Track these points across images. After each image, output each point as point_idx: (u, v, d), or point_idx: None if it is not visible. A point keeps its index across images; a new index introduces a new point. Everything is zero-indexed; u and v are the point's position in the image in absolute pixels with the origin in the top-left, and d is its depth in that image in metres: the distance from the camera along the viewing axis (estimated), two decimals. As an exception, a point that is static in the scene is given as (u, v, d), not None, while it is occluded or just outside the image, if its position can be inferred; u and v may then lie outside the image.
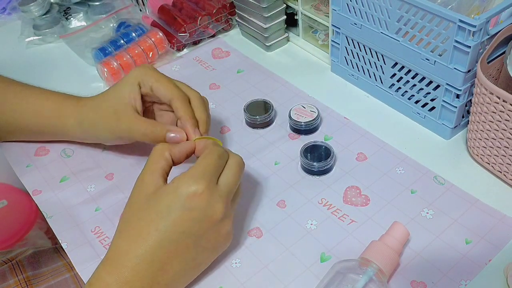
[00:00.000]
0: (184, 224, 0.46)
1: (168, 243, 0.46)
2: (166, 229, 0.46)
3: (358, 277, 0.46)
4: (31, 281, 0.67)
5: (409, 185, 0.60)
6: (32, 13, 0.92)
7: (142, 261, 0.46)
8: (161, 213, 0.46)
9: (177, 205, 0.46)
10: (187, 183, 0.46)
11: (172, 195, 0.47)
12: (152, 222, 0.46)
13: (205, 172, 0.47)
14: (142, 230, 0.46)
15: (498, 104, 0.53)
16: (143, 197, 0.48)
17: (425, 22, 0.58)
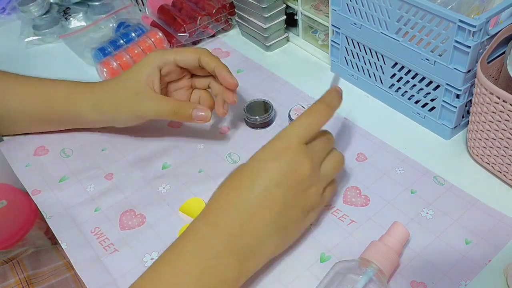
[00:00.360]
0: (272, 173, 0.48)
1: (256, 190, 0.47)
2: (256, 177, 0.48)
3: (358, 278, 0.46)
4: (32, 280, 0.67)
5: (409, 185, 0.59)
6: (31, 13, 0.92)
7: (232, 206, 0.47)
8: (252, 163, 0.49)
9: (266, 156, 0.49)
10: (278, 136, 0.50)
11: (264, 148, 0.50)
12: (244, 172, 0.49)
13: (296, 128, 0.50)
14: (237, 181, 0.49)
15: (498, 104, 0.53)
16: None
17: (425, 22, 0.58)
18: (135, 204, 0.61)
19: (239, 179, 0.49)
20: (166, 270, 0.45)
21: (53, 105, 0.66)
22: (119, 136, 0.70)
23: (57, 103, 0.66)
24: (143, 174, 0.65)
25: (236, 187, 0.48)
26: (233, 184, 0.49)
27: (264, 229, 0.48)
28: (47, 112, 0.67)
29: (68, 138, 0.71)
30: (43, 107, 0.66)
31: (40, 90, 0.66)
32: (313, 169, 0.49)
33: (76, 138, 0.71)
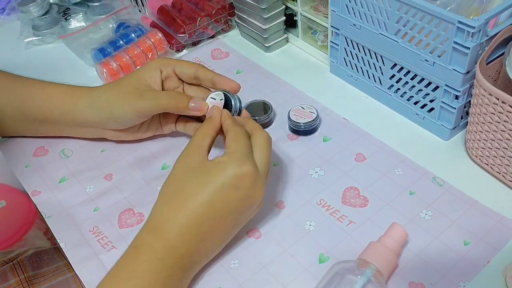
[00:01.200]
0: (230, 203, 0.49)
1: (213, 217, 0.49)
2: (212, 205, 0.49)
3: (356, 278, 0.46)
4: (32, 281, 0.67)
5: (408, 186, 0.60)
6: (31, 13, 0.92)
7: (188, 230, 0.49)
8: (209, 188, 0.49)
9: (225, 184, 0.49)
10: (234, 164, 0.49)
11: (220, 174, 0.49)
12: (198, 194, 0.49)
13: (245, 154, 0.50)
14: (189, 201, 0.49)
15: (497, 105, 0.53)
16: (189, 169, 0.51)
17: (424, 23, 0.58)
18: (134, 204, 0.61)
19: (191, 198, 0.49)
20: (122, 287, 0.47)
21: (52, 106, 0.65)
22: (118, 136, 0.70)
23: (55, 103, 0.65)
24: (142, 174, 0.65)
25: (189, 208, 0.49)
26: (185, 202, 0.49)
27: (213, 248, 0.52)
28: (45, 114, 0.66)
29: (68, 139, 0.71)
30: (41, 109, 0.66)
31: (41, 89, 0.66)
32: (264, 185, 0.52)
33: (75, 139, 0.71)
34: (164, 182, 0.52)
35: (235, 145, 0.51)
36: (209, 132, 0.54)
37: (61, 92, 0.66)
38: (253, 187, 0.50)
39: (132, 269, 0.47)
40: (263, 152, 0.52)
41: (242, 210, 0.51)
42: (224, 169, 0.49)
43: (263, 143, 0.53)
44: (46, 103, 0.66)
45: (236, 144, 0.51)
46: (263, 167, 0.52)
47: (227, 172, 0.49)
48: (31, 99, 0.66)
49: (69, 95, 0.65)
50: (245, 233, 0.57)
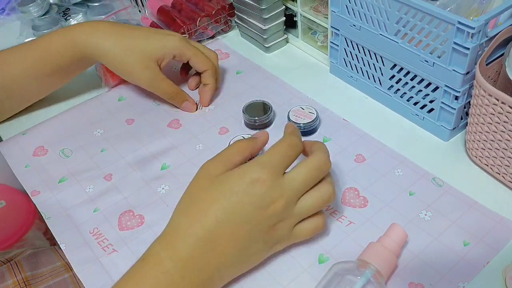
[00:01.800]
0: (243, 208, 0.46)
1: (226, 224, 0.46)
2: (226, 210, 0.46)
3: (356, 279, 0.46)
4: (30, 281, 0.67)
5: (408, 187, 0.60)
6: (31, 13, 0.92)
7: (198, 239, 0.46)
8: (224, 194, 0.47)
9: (240, 188, 0.46)
10: (253, 169, 0.47)
11: (237, 178, 0.47)
12: (214, 202, 0.47)
13: (271, 160, 0.48)
14: (203, 209, 0.47)
15: (496, 106, 0.53)
16: (208, 178, 0.48)
17: (424, 24, 0.58)
18: (134, 205, 0.61)
19: (206, 207, 0.47)
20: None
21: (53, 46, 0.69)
22: (118, 136, 0.70)
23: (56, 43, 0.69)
24: (142, 174, 0.65)
25: (203, 216, 0.47)
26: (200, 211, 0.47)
27: (225, 262, 0.48)
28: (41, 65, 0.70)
29: (67, 139, 0.71)
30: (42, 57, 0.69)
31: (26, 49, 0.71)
32: (286, 206, 0.48)
33: (75, 139, 0.71)
34: (186, 189, 0.50)
35: (267, 151, 0.49)
36: (244, 152, 0.50)
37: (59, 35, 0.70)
38: (268, 196, 0.47)
39: (136, 282, 0.45)
40: (304, 169, 0.48)
41: (256, 222, 0.47)
42: (243, 174, 0.47)
43: (312, 162, 0.49)
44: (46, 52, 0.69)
45: (269, 150, 0.49)
46: (293, 183, 0.48)
47: (244, 176, 0.47)
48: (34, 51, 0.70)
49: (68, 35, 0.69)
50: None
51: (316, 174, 0.49)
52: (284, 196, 0.47)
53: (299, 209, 0.49)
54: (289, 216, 0.49)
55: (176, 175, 0.64)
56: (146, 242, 0.56)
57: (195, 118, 0.73)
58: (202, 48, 0.74)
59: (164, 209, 0.60)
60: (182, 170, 0.65)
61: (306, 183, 0.49)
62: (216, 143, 0.68)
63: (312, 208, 0.49)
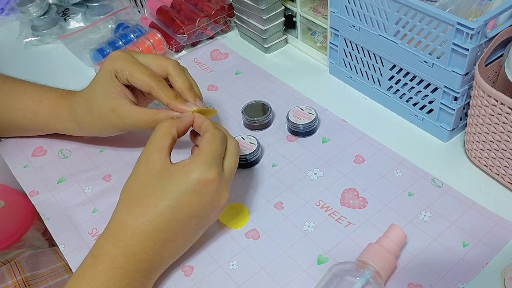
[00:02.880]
0: (193, 207, 0.48)
1: (175, 222, 0.48)
2: (175, 210, 0.47)
3: (355, 280, 0.46)
4: (30, 282, 0.67)
5: (407, 188, 0.60)
6: (30, 14, 0.92)
7: (149, 236, 0.47)
8: (171, 194, 0.47)
9: (188, 188, 0.47)
10: (199, 169, 0.48)
11: (183, 178, 0.47)
12: (161, 200, 0.47)
13: (214, 159, 0.49)
14: (149, 207, 0.47)
15: (496, 107, 0.53)
16: (151, 173, 0.49)
17: (423, 24, 0.58)
18: (133, 206, 0.61)
19: (153, 204, 0.47)
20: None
21: (40, 121, 0.66)
22: (117, 137, 0.70)
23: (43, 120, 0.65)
24: (141, 175, 0.65)
25: (151, 215, 0.47)
26: (146, 209, 0.47)
27: (176, 252, 0.52)
28: (35, 126, 0.67)
29: (66, 139, 0.71)
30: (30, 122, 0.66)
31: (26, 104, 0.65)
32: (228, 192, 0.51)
33: (74, 139, 0.71)
34: (124, 185, 0.50)
35: (207, 149, 0.49)
36: (170, 131, 0.51)
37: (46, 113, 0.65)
38: (217, 193, 0.49)
39: (90, 280, 0.46)
40: (232, 157, 0.52)
41: (205, 215, 0.50)
42: (188, 174, 0.47)
43: (233, 149, 0.52)
44: (34, 120, 0.66)
45: (209, 147, 0.49)
46: (230, 172, 0.51)
47: (191, 177, 0.47)
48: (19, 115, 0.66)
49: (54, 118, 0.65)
50: (244, 234, 0.57)
51: (237, 160, 0.53)
52: (227, 188, 0.51)
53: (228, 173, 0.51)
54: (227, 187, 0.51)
55: None
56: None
57: (194, 119, 0.73)
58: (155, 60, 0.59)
59: (163, 209, 0.60)
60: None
61: (234, 168, 0.52)
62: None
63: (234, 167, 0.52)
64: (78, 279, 0.47)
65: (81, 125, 0.63)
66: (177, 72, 0.57)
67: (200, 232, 0.53)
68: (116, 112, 0.58)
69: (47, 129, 0.67)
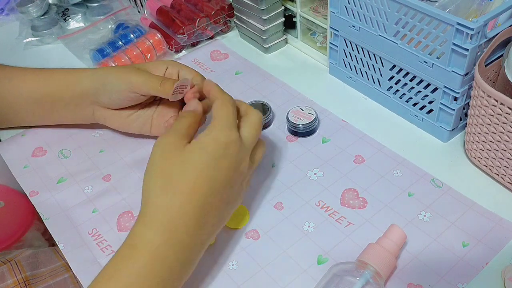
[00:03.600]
0: (225, 173, 0.48)
1: (212, 192, 0.47)
2: (211, 179, 0.47)
3: (355, 280, 0.46)
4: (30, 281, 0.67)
5: (407, 188, 0.60)
6: (30, 14, 0.92)
7: (192, 216, 0.46)
8: (206, 163, 0.47)
9: (219, 153, 0.47)
10: (223, 132, 0.48)
11: (213, 144, 0.48)
12: (198, 174, 0.46)
13: (230, 122, 0.50)
14: (186, 183, 0.46)
15: (495, 107, 0.53)
16: (177, 151, 0.48)
17: (423, 25, 0.58)
18: (132, 206, 0.61)
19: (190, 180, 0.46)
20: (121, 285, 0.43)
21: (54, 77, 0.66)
22: (117, 137, 0.70)
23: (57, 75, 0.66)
24: (140, 175, 0.64)
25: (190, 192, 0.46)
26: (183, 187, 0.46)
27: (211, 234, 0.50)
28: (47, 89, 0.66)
29: (66, 139, 0.71)
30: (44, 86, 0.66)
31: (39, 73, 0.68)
32: (248, 163, 0.51)
33: (74, 139, 0.71)
34: (149, 168, 0.48)
35: (221, 114, 0.50)
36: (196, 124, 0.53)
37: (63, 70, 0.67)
38: (239, 157, 0.49)
39: (131, 273, 0.43)
40: (253, 129, 0.52)
41: (232, 183, 0.49)
42: (217, 139, 0.48)
43: (256, 121, 0.53)
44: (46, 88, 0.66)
45: (222, 112, 0.50)
46: (249, 142, 0.51)
47: (220, 141, 0.48)
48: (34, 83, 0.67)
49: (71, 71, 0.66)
50: (244, 234, 0.57)
51: (259, 132, 0.53)
52: (247, 155, 0.51)
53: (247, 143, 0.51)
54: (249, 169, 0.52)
55: None
56: (145, 243, 0.56)
57: (194, 119, 0.73)
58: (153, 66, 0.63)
59: (163, 210, 0.60)
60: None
61: (255, 140, 0.53)
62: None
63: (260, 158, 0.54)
64: (116, 271, 0.44)
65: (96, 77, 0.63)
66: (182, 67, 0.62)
67: (229, 207, 0.51)
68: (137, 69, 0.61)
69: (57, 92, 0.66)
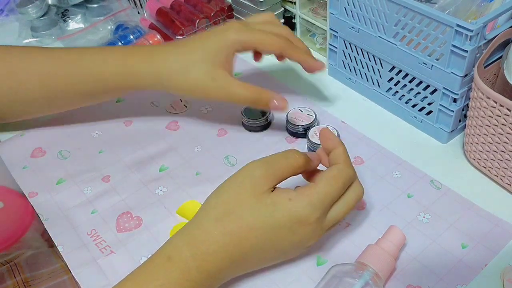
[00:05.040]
0: (281, 243, 0.46)
1: (257, 248, 0.46)
2: (265, 239, 0.45)
3: (354, 281, 0.46)
4: (29, 282, 0.67)
5: (406, 189, 0.60)
6: (29, 14, 0.92)
7: (229, 258, 0.45)
8: (267, 223, 0.45)
9: (286, 224, 0.45)
10: (304, 210, 0.45)
11: (285, 212, 0.45)
12: (255, 228, 0.45)
13: (324, 204, 0.46)
14: (242, 229, 0.45)
15: (494, 109, 0.53)
16: (253, 193, 0.45)
17: (423, 26, 0.58)
18: (132, 207, 0.61)
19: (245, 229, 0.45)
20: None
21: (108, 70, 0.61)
22: (116, 138, 0.70)
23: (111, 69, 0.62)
24: (140, 176, 0.65)
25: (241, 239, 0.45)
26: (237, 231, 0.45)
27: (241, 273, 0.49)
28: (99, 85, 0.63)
29: (65, 140, 0.71)
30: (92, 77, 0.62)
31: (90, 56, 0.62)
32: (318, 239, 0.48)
33: (73, 140, 0.71)
34: (220, 190, 0.47)
35: (323, 190, 0.46)
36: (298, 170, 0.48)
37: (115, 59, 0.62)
38: (309, 236, 0.47)
39: (161, 284, 0.43)
40: (346, 206, 0.48)
41: (288, 252, 0.49)
42: (291, 211, 0.45)
43: (351, 197, 0.48)
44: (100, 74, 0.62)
45: (325, 189, 0.46)
46: (333, 220, 0.47)
47: (293, 215, 0.45)
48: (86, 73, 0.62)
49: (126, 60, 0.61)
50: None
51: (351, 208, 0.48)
52: (321, 234, 0.48)
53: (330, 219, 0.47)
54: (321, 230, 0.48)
55: (174, 177, 0.64)
56: (144, 243, 0.56)
57: (193, 120, 0.73)
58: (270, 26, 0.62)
59: (162, 210, 0.60)
60: (180, 172, 0.65)
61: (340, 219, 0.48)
62: (214, 145, 0.68)
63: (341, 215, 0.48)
64: (147, 279, 0.44)
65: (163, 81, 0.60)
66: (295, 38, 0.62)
67: (268, 263, 0.50)
68: (217, 82, 0.58)
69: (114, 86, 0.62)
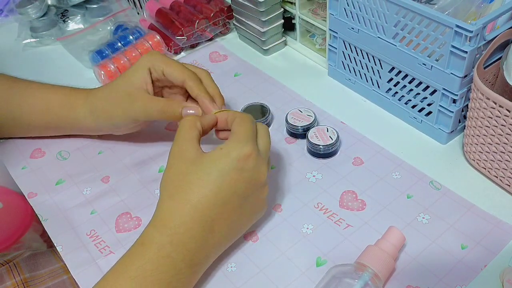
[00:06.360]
0: (235, 185, 0.49)
1: (221, 203, 0.49)
2: (219, 190, 0.48)
3: (353, 282, 0.46)
4: (29, 283, 0.67)
5: (405, 190, 0.60)
6: (29, 15, 0.92)
7: (197, 223, 0.48)
8: (213, 176, 0.48)
9: (229, 167, 0.49)
10: (236, 147, 0.49)
11: (224, 158, 0.49)
12: (205, 185, 0.48)
13: (249, 136, 0.51)
14: (194, 192, 0.48)
15: (494, 109, 0.53)
16: (188, 162, 0.50)
17: (422, 27, 0.58)
18: (131, 207, 0.61)
19: (196, 190, 0.48)
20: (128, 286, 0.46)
21: (51, 115, 0.66)
22: (116, 139, 0.70)
23: (55, 113, 0.66)
24: (139, 177, 0.65)
25: (200, 201, 0.48)
26: (190, 195, 0.48)
27: (221, 241, 0.51)
28: (45, 122, 0.67)
29: (65, 141, 0.71)
30: (41, 117, 0.67)
31: (39, 97, 0.67)
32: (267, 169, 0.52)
33: (73, 141, 0.71)
34: (163, 178, 0.51)
35: (239, 129, 0.51)
36: (195, 124, 0.53)
37: (59, 104, 0.66)
38: (257, 169, 0.50)
39: (138, 267, 0.46)
40: (265, 139, 0.53)
41: (247, 193, 0.50)
42: (227, 154, 0.49)
43: (264, 132, 0.54)
44: (46, 114, 0.67)
45: (241, 128, 0.51)
46: (265, 151, 0.52)
47: (230, 155, 0.49)
48: (31, 109, 0.67)
49: (67, 107, 0.66)
50: (243, 236, 0.56)
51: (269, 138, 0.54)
52: (264, 164, 0.52)
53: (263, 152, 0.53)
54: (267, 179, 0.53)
55: None
56: (144, 244, 0.56)
57: (193, 121, 0.73)
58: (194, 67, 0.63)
59: (162, 211, 0.60)
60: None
61: (269, 149, 0.54)
62: (214, 145, 0.68)
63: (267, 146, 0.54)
64: (126, 265, 0.47)
65: (94, 112, 0.64)
66: (210, 79, 0.61)
67: (243, 220, 0.53)
68: (130, 97, 0.60)
69: (57, 123, 0.67)
